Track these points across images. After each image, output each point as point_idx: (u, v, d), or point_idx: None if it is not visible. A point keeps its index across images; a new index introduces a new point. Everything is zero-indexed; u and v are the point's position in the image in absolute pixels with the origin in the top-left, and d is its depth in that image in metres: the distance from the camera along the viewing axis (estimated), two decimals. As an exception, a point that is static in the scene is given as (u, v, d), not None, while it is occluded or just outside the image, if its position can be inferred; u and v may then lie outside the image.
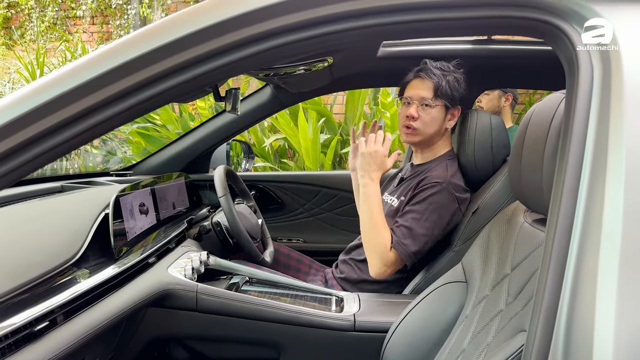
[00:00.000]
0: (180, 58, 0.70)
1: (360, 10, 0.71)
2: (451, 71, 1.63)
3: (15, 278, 0.98)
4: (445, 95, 1.61)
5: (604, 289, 0.58)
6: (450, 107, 1.64)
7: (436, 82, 1.60)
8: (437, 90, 1.61)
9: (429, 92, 1.62)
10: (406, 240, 1.53)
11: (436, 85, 1.61)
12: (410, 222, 1.55)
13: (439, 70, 1.62)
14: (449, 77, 1.61)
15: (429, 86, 1.62)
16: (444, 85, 1.60)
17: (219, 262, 1.53)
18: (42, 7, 6.67)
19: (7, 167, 0.67)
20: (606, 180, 0.62)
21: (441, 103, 1.62)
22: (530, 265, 0.91)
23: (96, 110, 0.70)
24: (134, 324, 1.36)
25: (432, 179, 1.59)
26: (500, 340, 0.86)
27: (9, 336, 0.86)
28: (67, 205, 1.48)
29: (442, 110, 1.64)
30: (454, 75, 1.62)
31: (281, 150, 4.25)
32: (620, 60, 0.66)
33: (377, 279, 1.59)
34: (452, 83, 1.61)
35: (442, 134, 1.69)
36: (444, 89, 1.60)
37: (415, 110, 1.63)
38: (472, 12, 0.72)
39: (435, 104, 1.62)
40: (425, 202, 1.56)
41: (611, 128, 0.64)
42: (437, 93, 1.61)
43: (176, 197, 1.91)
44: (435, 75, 1.61)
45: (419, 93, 1.63)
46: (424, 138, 1.66)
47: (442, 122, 1.65)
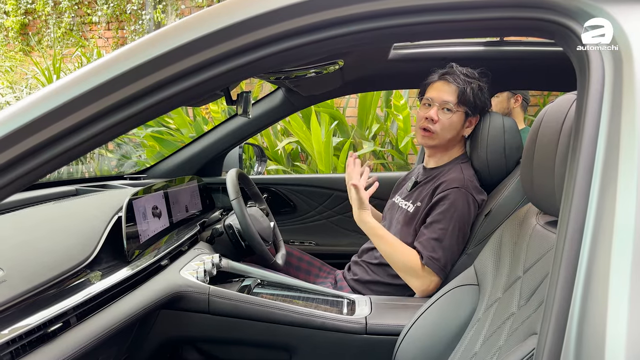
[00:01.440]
0: (192, 61, 0.70)
1: (371, 12, 0.71)
2: (476, 78, 1.61)
3: (30, 280, 0.99)
4: (467, 102, 1.59)
5: (616, 291, 0.58)
6: (471, 115, 1.62)
7: (461, 87, 1.58)
8: (461, 96, 1.58)
9: (452, 96, 1.59)
10: (437, 255, 1.52)
11: (461, 91, 1.58)
12: (438, 233, 1.53)
13: (465, 76, 1.60)
14: (474, 85, 1.59)
15: (453, 90, 1.59)
16: (468, 92, 1.58)
17: (231, 264, 1.54)
18: (58, 13, 6.77)
19: (22, 170, 0.68)
20: (618, 182, 0.61)
21: (463, 109, 1.60)
22: (542, 268, 0.90)
23: (108, 114, 0.70)
24: (147, 326, 1.37)
25: (450, 184, 1.57)
26: (512, 344, 0.85)
27: (23, 337, 0.88)
28: (80, 208, 1.50)
29: (462, 117, 1.62)
30: (478, 83, 1.60)
31: (294, 154, 4.27)
32: (632, 59, 0.65)
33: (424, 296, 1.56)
34: (476, 91, 1.59)
35: (458, 140, 1.68)
36: (468, 95, 1.58)
37: (436, 113, 1.60)
38: (483, 14, 0.72)
39: (457, 109, 1.59)
40: (448, 210, 1.54)
41: (623, 129, 0.63)
42: (460, 99, 1.58)
43: (189, 200, 1.92)
44: (460, 80, 1.59)
45: (442, 96, 1.60)
46: (440, 142, 1.64)
47: (460, 128, 1.64)
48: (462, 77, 1.59)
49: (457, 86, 1.59)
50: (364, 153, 3.77)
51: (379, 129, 4.12)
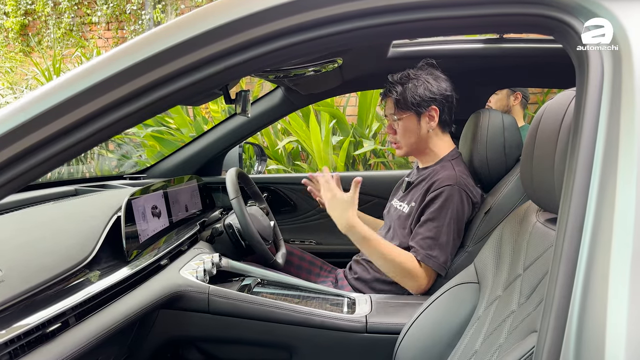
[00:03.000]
0: (187, 60, 0.70)
1: (369, 9, 0.70)
2: (410, 78, 1.62)
3: (28, 280, 0.99)
4: (406, 104, 1.61)
5: (616, 289, 0.57)
6: (422, 111, 1.63)
7: (394, 97, 1.63)
8: (397, 104, 1.64)
9: (391, 107, 1.67)
10: (434, 252, 1.52)
11: (395, 100, 1.63)
12: (433, 231, 1.53)
13: (400, 81, 1.63)
14: (409, 85, 1.61)
15: (390, 102, 1.67)
16: (402, 97, 1.61)
17: (231, 264, 1.53)
18: (58, 13, 6.77)
19: (17, 170, 0.68)
20: (617, 179, 0.61)
21: (407, 113, 1.63)
22: (542, 265, 0.90)
23: (104, 113, 0.70)
24: (147, 326, 1.37)
25: (443, 182, 1.57)
26: (513, 341, 0.85)
27: (22, 337, 0.87)
28: (80, 209, 1.50)
29: (413, 118, 1.64)
30: (413, 82, 1.61)
31: (294, 153, 4.26)
32: (631, 57, 0.64)
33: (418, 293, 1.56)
34: (412, 90, 1.60)
35: (428, 137, 1.67)
36: (404, 99, 1.61)
37: (390, 126, 1.70)
38: (482, 10, 0.71)
39: (401, 115, 1.64)
40: (442, 208, 1.54)
41: (622, 126, 0.62)
42: (398, 105, 1.63)
43: (189, 199, 1.92)
44: (394, 90, 1.63)
45: (387, 111, 1.70)
46: (410, 148, 1.69)
47: (418, 128, 1.65)
48: (396, 85, 1.63)
49: (390, 96, 1.65)
50: (365, 151, 3.77)
51: (379, 127, 4.12)
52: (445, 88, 1.63)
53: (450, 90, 1.64)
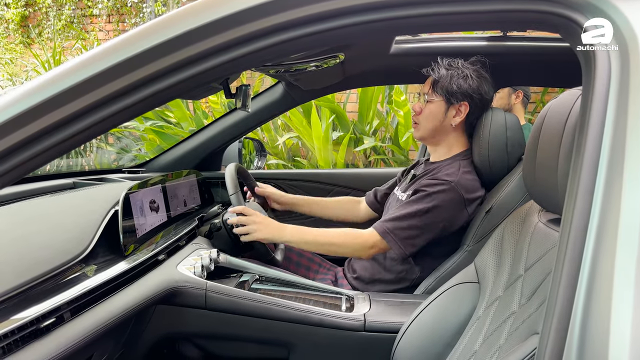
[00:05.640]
0: (186, 53, 0.69)
1: (372, 4, 0.69)
2: (458, 67, 1.60)
3: (23, 274, 0.98)
4: (443, 89, 1.59)
5: (620, 291, 0.56)
6: (453, 102, 1.61)
7: (436, 76, 1.60)
8: (435, 85, 1.61)
9: (427, 86, 1.64)
10: (389, 224, 1.54)
11: (433, 81, 1.61)
12: (401, 211, 1.55)
13: (446, 66, 1.61)
14: (453, 72, 1.59)
15: (429, 81, 1.64)
16: (443, 80, 1.59)
17: (229, 259, 1.52)
18: (59, 5, 6.75)
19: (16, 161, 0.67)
20: (623, 179, 0.60)
21: (439, 97, 1.61)
22: (544, 266, 0.89)
23: (102, 106, 0.69)
24: (143, 321, 1.36)
25: (441, 177, 1.56)
26: (513, 343, 0.84)
27: (15, 332, 0.86)
28: (77, 202, 1.48)
29: (442, 105, 1.62)
30: (460, 71, 1.59)
31: (294, 149, 4.25)
32: (639, 54, 0.63)
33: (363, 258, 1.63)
34: (455, 78, 1.58)
35: (448, 131, 1.65)
36: (443, 83, 1.59)
37: (418, 104, 1.66)
38: (486, 6, 0.70)
39: (432, 98, 1.62)
40: (425, 198, 1.53)
41: (629, 126, 0.61)
42: (435, 87, 1.61)
43: (187, 194, 1.91)
44: (438, 70, 1.60)
45: (423, 89, 1.67)
46: (425, 133, 1.66)
47: (442, 117, 1.63)
48: (442, 67, 1.61)
49: (431, 75, 1.62)
50: (365, 148, 3.76)
51: (380, 124, 4.11)
52: (485, 90, 1.61)
53: (488, 95, 1.63)
